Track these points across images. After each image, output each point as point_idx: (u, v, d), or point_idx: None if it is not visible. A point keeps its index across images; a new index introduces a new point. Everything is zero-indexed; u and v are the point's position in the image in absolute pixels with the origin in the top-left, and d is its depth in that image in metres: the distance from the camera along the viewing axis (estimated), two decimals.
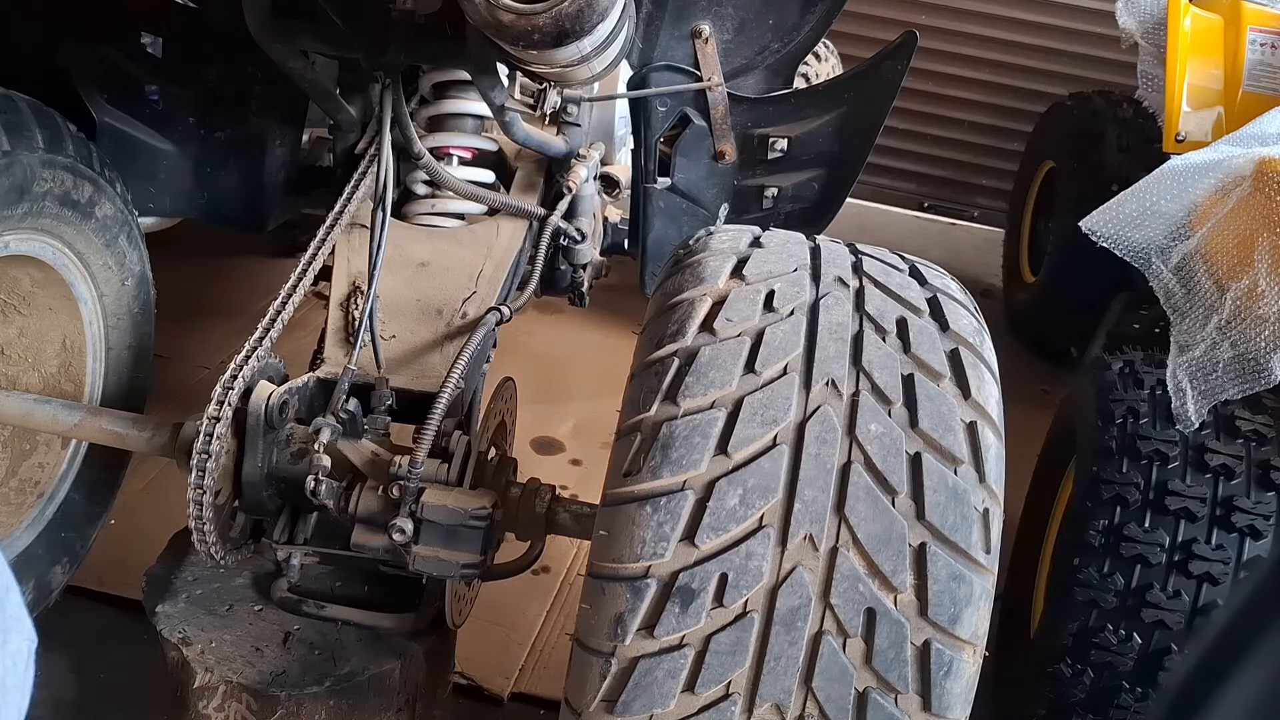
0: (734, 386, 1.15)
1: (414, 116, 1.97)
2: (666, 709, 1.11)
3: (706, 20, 1.99)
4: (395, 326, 1.79)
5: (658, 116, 2.09)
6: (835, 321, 1.21)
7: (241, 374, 1.54)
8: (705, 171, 2.18)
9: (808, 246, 1.36)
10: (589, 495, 1.49)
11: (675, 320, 1.23)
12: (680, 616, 1.09)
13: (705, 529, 1.10)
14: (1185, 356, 1.96)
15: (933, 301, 1.28)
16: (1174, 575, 1.81)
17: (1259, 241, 1.89)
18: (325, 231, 1.80)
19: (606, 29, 1.51)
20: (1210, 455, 1.85)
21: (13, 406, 1.74)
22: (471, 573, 1.49)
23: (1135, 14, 3.15)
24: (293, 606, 1.67)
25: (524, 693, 2.20)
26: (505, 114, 1.79)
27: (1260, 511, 1.80)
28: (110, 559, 2.21)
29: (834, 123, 2.16)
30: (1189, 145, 2.72)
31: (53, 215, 1.78)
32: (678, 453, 1.12)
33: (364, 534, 1.53)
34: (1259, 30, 2.84)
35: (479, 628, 2.18)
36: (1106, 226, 2.16)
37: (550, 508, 1.56)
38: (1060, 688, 1.90)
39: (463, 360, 1.60)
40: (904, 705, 1.10)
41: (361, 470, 1.57)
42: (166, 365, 2.76)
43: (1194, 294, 2.05)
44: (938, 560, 1.10)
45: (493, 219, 1.97)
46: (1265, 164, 1.97)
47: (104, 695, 2.07)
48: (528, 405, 2.12)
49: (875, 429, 1.14)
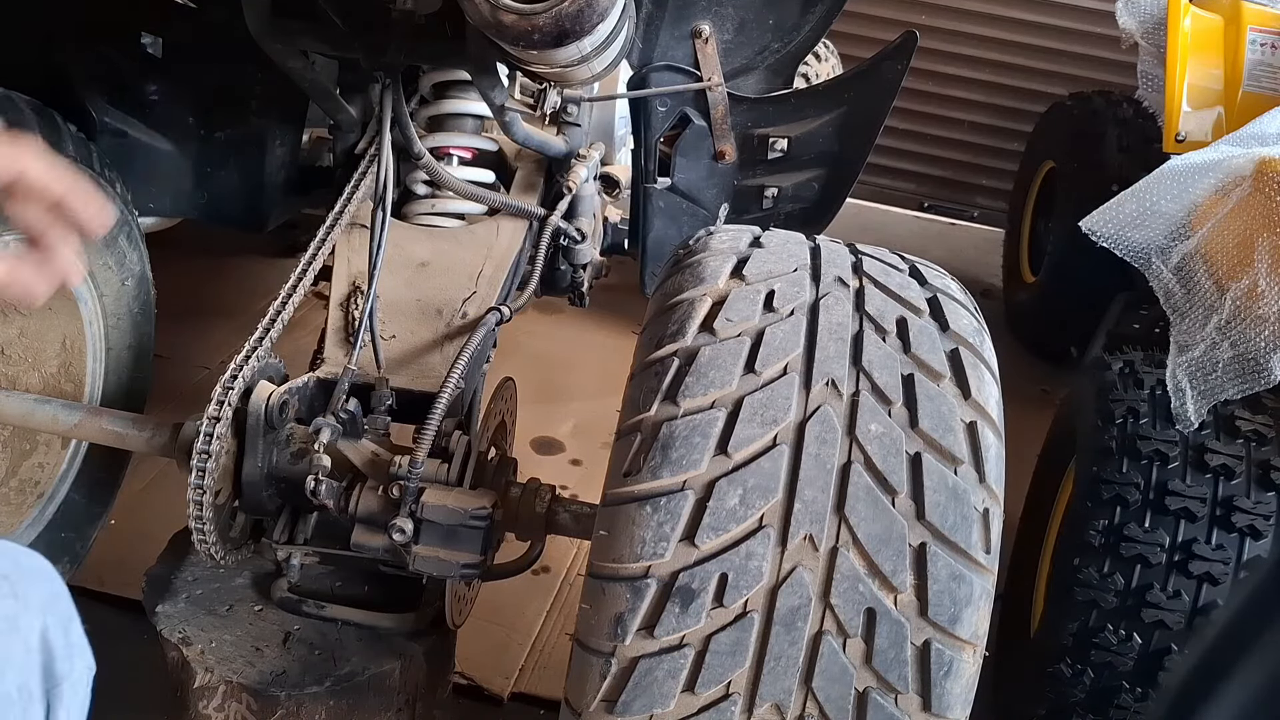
0: (734, 386, 1.15)
1: (414, 116, 1.97)
2: (666, 709, 1.11)
3: (706, 20, 1.99)
4: (395, 326, 1.79)
5: (658, 116, 2.09)
6: (835, 321, 1.21)
7: (241, 374, 1.54)
8: (705, 171, 2.18)
9: (808, 246, 1.36)
10: (589, 495, 1.49)
11: (675, 320, 1.23)
12: (680, 616, 1.09)
13: (705, 529, 1.10)
14: (1185, 356, 1.96)
15: (933, 301, 1.28)
16: (1174, 575, 1.81)
17: (1259, 241, 1.89)
18: (325, 231, 1.80)
19: (606, 29, 1.51)
20: (1210, 455, 1.85)
21: (13, 406, 1.74)
22: (471, 573, 1.49)
23: (1135, 14, 3.15)
24: (293, 606, 1.67)
25: (524, 693, 2.19)
26: (505, 114, 1.79)
27: (1260, 511, 1.80)
28: (110, 559, 2.21)
29: (834, 123, 2.16)
30: (1189, 145, 2.72)
31: None
32: (678, 453, 1.12)
33: (364, 534, 1.53)
34: (1259, 30, 2.84)
35: (479, 628, 2.18)
36: (1106, 226, 2.16)
37: (550, 508, 1.56)
38: (1060, 688, 1.90)
39: (463, 360, 1.60)
40: (904, 705, 1.10)
41: (361, 470, 1.57)
42: (166, 365, 2.76)
43: (1194, 294, 2.05)
44: (938, 560, 1.10)
45: (493, 219, 1.97)
46: (1265, 164, 1.97)
47: (104, 695, 2.07)
48: (528, 405, 2.12)
49: (875, 429, 1.14)
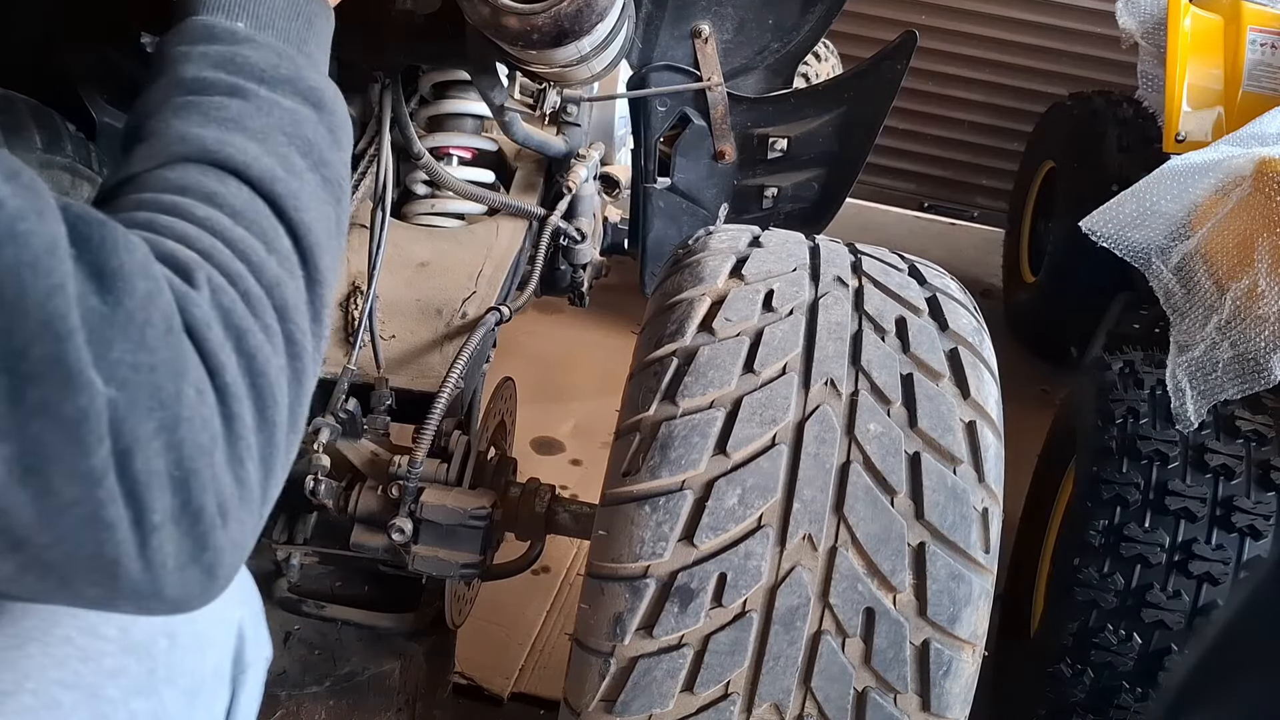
0: (733, 386, 1.15)
1: (414, 116, 1.97)
2: (665, 709, 1.11)
3: (706, 20, 1.99)
4: (395, 326, 1.79)
5: (657, 116, 2.09)
6: (834, 321, 1.21)
7: None
8: (705, 171, 2.17)
9: (807, 246, 1.36)
10: (589, 495, 1.49)
11: (674, 320, 1.23)
12: (679, 616, 1.09)
13: (704, 529, 1.10)
14: (1185, 356, 1.96)
15: (932, 301, 1.28)
16: (1174, 575, 1.81)
17: (1259, 241, 1.89)
18: None
19: (605, 29, 1.51)
20: (1210, 455, 1.85)
21: None
22: (471, 573, 1.49)
23: (1135, 14, 3.14)
24: (293, 606, 1.67)
25: (524, 693, 2.19)
26: (505, 114, 1.79)
27: (1260, 511, 1.80)
28: None
29: (834, 123, 2.16)
30: (1189, 145, 2.72)
31: None
32: (676, 452, 1.12)
33: (363, 534, 1.53)
34: (1259, 30, 2.84)
35: (479, 628, 2.18)
36: (1106, 226, 2.16)
37: (550, 507, 1.56)
38: (1060, 688, 1.90)
39: (462, 360, 1.60)
40: (903, 705, 1.10)
41: (361, 470, 1.57)
42: None
43: (1194, 294, 2.04)
44: (937, 560, 1.10)
45: (493, 219, 1.97)
46: (1265, 164, 1.97)
47: None
48: (528, 405, 2.12)
49: (874, 429, 1.14)
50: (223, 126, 0.76)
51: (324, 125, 0.83)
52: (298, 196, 0.77)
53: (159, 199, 0.72)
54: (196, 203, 0.72)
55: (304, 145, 0.80)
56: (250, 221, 0.73)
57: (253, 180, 0.75)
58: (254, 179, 0.75)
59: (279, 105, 0.80)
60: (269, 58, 0.82)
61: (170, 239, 0.68)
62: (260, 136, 0.77)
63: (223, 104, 0.78)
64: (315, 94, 0.83)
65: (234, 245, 0.71)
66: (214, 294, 0.67)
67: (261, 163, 0.76)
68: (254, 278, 0.71)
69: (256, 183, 0.75)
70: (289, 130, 0.79)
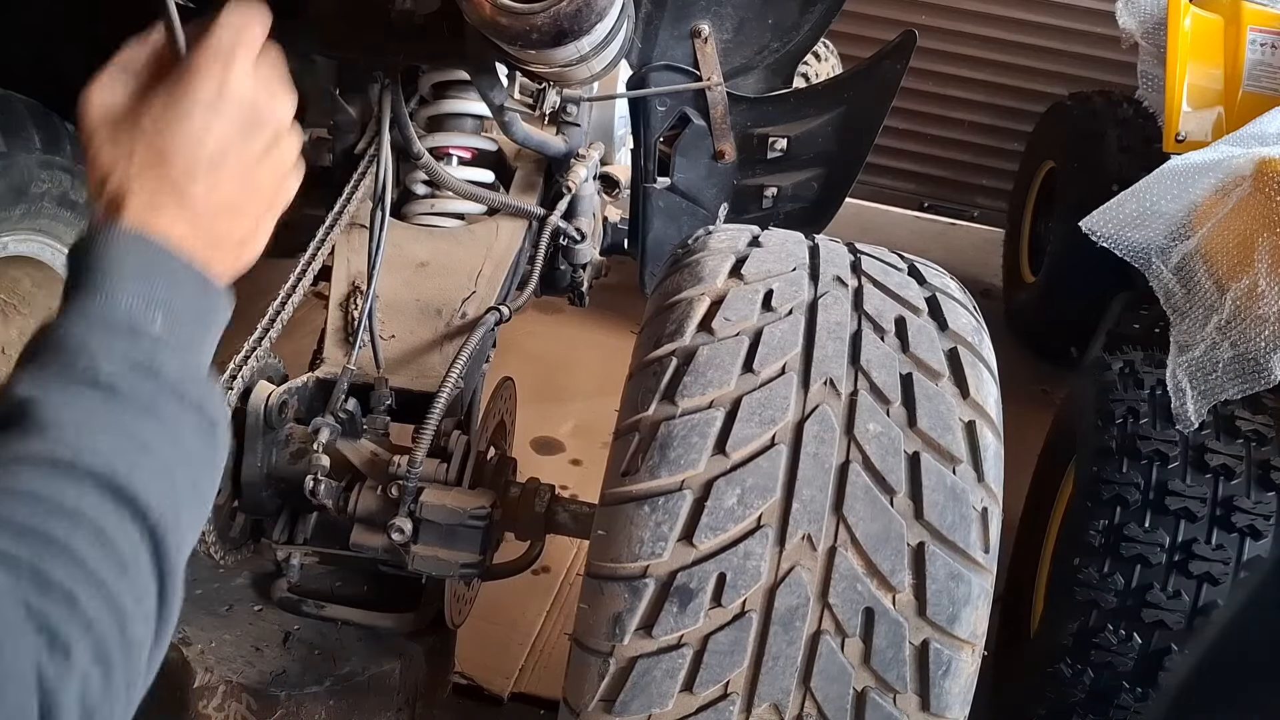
0: (732, 386, 1.15)
1: (414, 116, 1.96)
2: (665, 709, 1.11)
3: (706, 20, 1.99)
4: (395, 326, 1.79)
5: (657, 116, 2.09)
6: (834, 321, 1.21)
7: (241, 374, 1.54)
8: (705, 171, 2.17)
9: (806, 246, 1.36)
10: (589, 495, 1.49)
11: (674, 320, 1.23)
12: (678, 616, 1.09)
13: (703, 529, 1.10)
14: (1185, 356, 1.96)
15: (931, 301, 1.28)
16: (1174, 575, 1.81)
17: (1259, 241, 1.89)
18: (325, 232, 1.80)
19: (605, 29, 1.51)
20: (1210, 455, 1.85)
21: None
22: (471, 572, 1.49)
23: (1135, 14, 3.14)
24: (293, 606, 1.67)
25: (524, 693, 2.20)
26: (504, 114, 1.79)
27: (1260, 511, 1.80)
28: None
29: (833, 122, 2.16)
30: (1189, 145, 2.72)
31: (51, 216, 1.78)
32: (676, 452, 1.12)
33: (363, 534, 1.53)
34: (1259, 30, 2.84)
35: (479, 628, 2.18)
36: (1106, 226, 2.16)
37: (550, 507, 1.56)
38: (1060, 688, 1.90)
39: (462, 360, 1.60)
40: (902, 705, 1.10)
41: (361, 470, 1.57)
42: None
43: (1194, 294, 2.05)
44: (936, 560, 1.10)
45: (492, 219, 1.96)
46: (1265, 164, 1.97)
47: None
48: (528, 405, 2.12)
49: (874, 428, 1.14)
50: (136, 453, 0.74)
51: (215, 457, 0.83)
52: (181, 541, 0.76)
53: (50, 522, 0.68)
54: (90, 546, 0.69)
55: (197, 478, 0.80)
56: (133, 577, 0.71)
57: (151, 526, 0.73)
58: (152, 525, 0.73)
59: (183, 429, 0.79)
60: (179, 367, 0.80)
61: (58, 595, 0.65)
62: (166, 472, 0.76)
63: (137, 424, 0.75)
64: (211, 416, 0.82)
65: (113, 605, 0.68)
66: (83, 682, 0.65)
67: (163, 506, 0.74)
68: (121, 653, 0.68)
69: (153, 529, 0.73)
70: (192, 460, 0.79)
